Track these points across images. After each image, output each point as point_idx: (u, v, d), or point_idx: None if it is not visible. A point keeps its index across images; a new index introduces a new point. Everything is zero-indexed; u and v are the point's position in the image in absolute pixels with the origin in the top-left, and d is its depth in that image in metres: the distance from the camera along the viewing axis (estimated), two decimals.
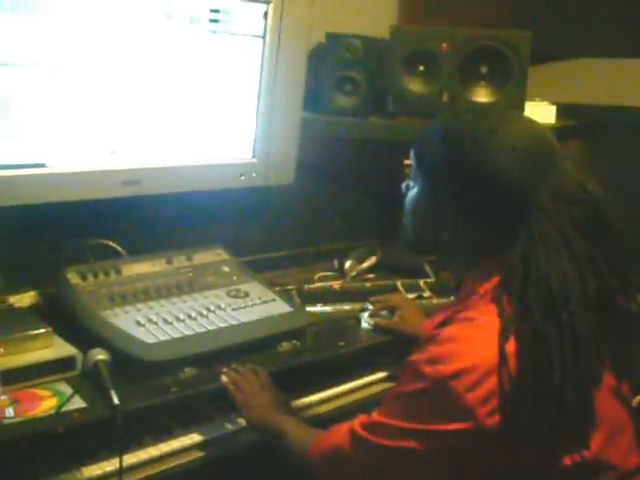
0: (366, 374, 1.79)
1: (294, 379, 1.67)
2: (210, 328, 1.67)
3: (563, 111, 2.35)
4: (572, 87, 2.62)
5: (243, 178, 2.03)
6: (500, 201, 1.19)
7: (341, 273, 2.26)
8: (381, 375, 1.79)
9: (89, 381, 1.44)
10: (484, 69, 2.18)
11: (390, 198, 2.37)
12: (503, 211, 1.19)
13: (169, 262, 1.90)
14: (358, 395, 1.74)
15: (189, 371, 1.56)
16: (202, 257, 1.96)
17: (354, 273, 2.25)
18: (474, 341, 1.13)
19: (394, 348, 1.83)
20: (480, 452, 1.11)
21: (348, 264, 2.26)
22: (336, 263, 2.30)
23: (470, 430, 1.09)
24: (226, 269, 1.95)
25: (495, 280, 1.19)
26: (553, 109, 2.33)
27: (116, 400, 1.37)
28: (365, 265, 2.28)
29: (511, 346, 1.10)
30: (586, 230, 1.16)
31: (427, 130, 1.30)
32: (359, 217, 2.45)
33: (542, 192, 1.16)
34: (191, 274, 1.89)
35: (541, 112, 2.27)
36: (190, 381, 1.54)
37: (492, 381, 1.09)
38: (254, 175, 2.05)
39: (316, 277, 2.22)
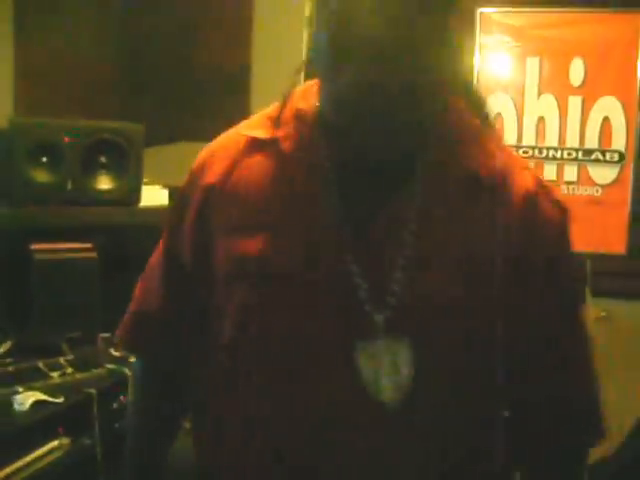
0: (35, 448, 1.89)
1: None
2: None
3: (176, 193, 2.65)
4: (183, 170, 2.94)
5: None
6: None
7: None
8: (51, 445, 1.94)
9: None
10: (104, 159, 2.41)
11: (18, 283, 2.47)
12: None
13: None
14: (34, 468, 1.87)
15: None
16: None
17: None
18: None
19: (55, 421, 1.96)
20: None
21: None
22: None
23: None
24: None
25: None
26: (166, 192, 2.63)
27: None
28: (1, 350, 2.32)
29: None
30: None
31: None
32: None
33: None
34: None
35: (155, 195, 2.55)
36: None
37: None
38: None
39: None
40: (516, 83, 3.02)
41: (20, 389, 2.04)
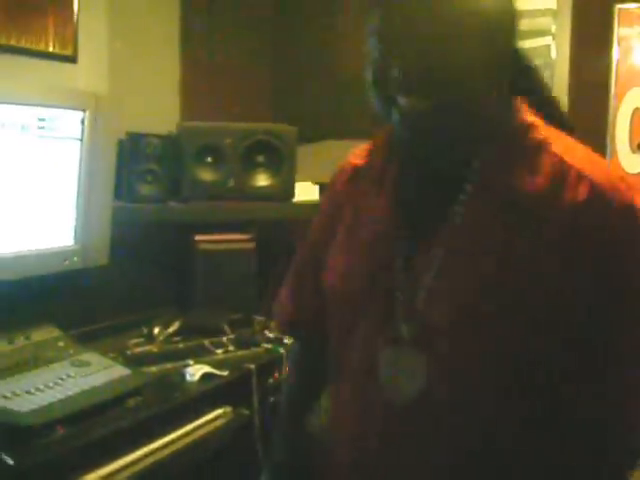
0: (203, 415, 2.15)
1: (143, 428, 1.99)
2: (70, 394, 1.93)
3: (325, 189, 2.89)
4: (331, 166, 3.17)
5: (67, 262, 2.30)
6: None
7: (150, 338, 2.57)
8: (216, 413, 2.19)
9: None
10: (261, 158, 2.68)
11: (186, 271, 2.77)
12: None
13: (11, 342, 2.13)
14: (202, 431, 2.12)
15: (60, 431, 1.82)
16: (39, 335, 2.20)
17: (162, 337, 2.58)
18: None
19: (220, 392, 2.22)
20: None
21: (157, 330, 2.58)
22: (145, 330, 2.61)
23: None
24: (62, 344, 2.21)
25: None
26: (316, 188, 2.87)
27: (10, 461, 1.62)
28: (171, 330, 2.61)
29: None
30: None
31: None
32: (159, 288, 2.78)
33: None
34: (34, 351, 2.13)
35: (307, 191, 2.79)
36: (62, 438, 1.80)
37: None
38: (76, 259, 2.33)
39: (130, 344, 2.51)
40: None
41: (191, 362, 2.32)
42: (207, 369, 2.27)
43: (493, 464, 1.11)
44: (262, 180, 2.69)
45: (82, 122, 2.26)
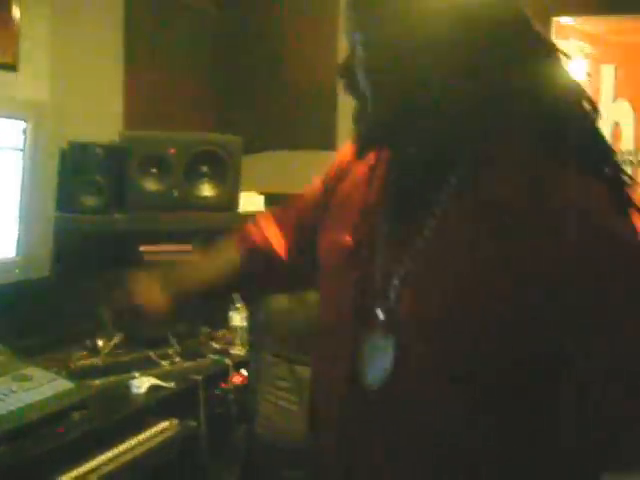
0: (150, 427, 2.13)
1: (89, 442, 1.96)
2: (12, 409, 1.89)
3: (270, 199, 2.89)
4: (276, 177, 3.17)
5: (8, 274, 2.26)
6: None
7: (94, 351, 2.53)
8: (163, 425, 2.17)
9: None
10: (205, 168, 2.66)
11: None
12: None
13: None
14: (149, 444, 2.09)
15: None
16: None
17: (106, 350, 2.54)
18: None
19: (167, 404, 2.20)
20: None
21: (101, 342, 2.55)
22: (88, 342, 2.56)
23: None
24: (3, 358, 2.16)
25: None
26: (262, 198, 2.87)
27: None
28: (115, 342, 2.58)
29: None
30: None
31: None
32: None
33: None
34: None
35: (252, 201, 2.79)
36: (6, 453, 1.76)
37: None
38: (17, 271, 2.29)
39: (74, 357, 2.47)
40: (592, 89, 3.11)
41: (137, 375, 2.30)
42: (153, 381, 2.25)
43: (458, 461, 1.08)
44: (207, 190, 2.67)
45: (24, 132, 2.22)
